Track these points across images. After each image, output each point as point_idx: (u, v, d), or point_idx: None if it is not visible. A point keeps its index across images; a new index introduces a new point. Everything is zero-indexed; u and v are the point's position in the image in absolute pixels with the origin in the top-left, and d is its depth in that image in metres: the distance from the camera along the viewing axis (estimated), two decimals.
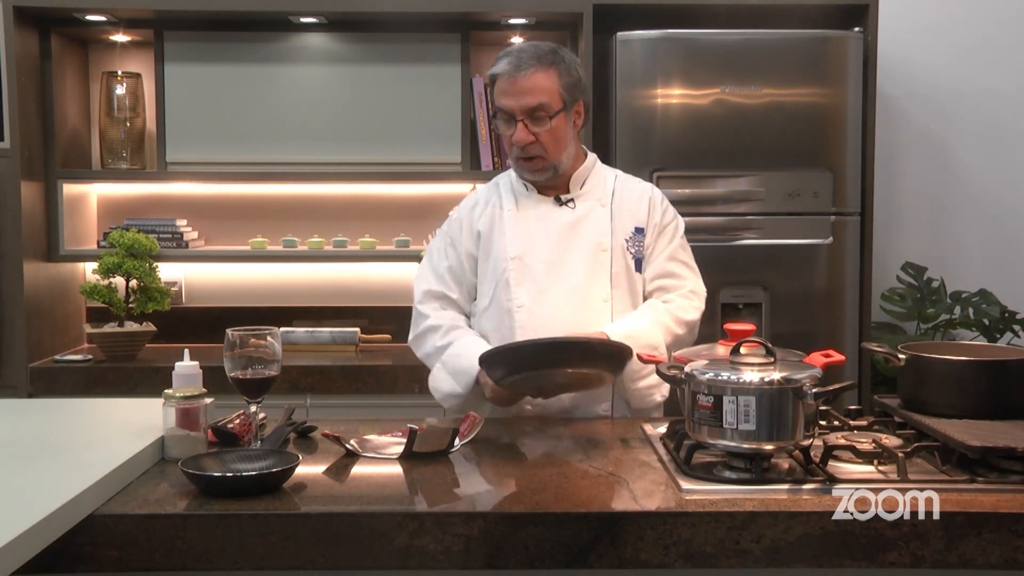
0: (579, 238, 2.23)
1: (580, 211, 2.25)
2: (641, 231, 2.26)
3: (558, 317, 2.17)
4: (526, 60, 2.14)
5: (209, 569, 1.47)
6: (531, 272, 2.21)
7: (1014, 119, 3.77)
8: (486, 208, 2.30)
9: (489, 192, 2.34)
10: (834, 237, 3.20)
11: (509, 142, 2.20)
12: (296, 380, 3.18)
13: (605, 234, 2.23)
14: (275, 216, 3.67)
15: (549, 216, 2.25)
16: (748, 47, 3.17)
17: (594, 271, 2.21)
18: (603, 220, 2.24)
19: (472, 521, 1.48)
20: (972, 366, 1.86)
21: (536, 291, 2.20)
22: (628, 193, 2.29)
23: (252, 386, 1.77)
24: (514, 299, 2.21)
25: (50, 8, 3.26)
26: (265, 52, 3.47)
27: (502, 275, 2.23)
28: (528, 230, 2.24)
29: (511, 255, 2.23)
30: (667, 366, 1.81)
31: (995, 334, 3.49)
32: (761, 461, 1.62)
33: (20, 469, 1.60)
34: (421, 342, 2.31)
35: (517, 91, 2.14)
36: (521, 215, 2.26)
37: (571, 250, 2.23)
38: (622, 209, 2.26)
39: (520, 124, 2.15)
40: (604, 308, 2.20)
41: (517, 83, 2.14)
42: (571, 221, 2.24)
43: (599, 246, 2.23)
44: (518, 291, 2.21)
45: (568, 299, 2.19)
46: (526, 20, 3.41)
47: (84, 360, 3.32)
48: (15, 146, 3.24)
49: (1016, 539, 1.47)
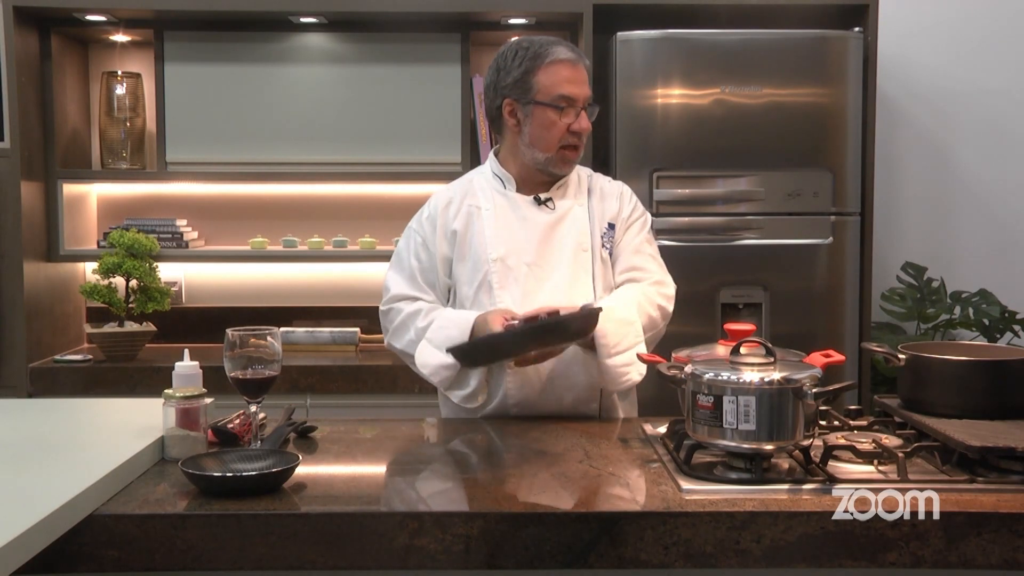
0: (560, 238, 2.20)
1: (560, 211, 2.23)
2: (612, 227, 2.25)
3: None
4: (579, 52, 2.18)
5: (209, 569, 1.47)
6: (514, 274, 2.17)
7: (1014, 119, 3.77)
8: (461, 207, 2.24)
9: (463, 189, 2.28)
10: (834, 237, 3.20)
11: (559, 130, 2.15)
12: (296, 380, 3.18)
13: (585, 233, 2.22)
14: (275, 216, 3.67)
15: (530, 216, 2.21)
16: (748, 47, 3.17)
17: (576, 271, 2.19)
18: (582, 220, 2.23)
19: (472, 521, 1.48)
20: (972, 366, 1.86)
21: (520, 293, 2.16)
22: (601, 192, 2.28)
23: (252, 386, 1.77)
24: (498, 302, 2.15)
25: (50, 8, 3.26)
26: (265, 52, 3.47)
27: (484, 277, 2.18)
28: (510, 230, 2.20)
29: (493, 256, 2.18)
30: (667, 366, 1.81)
31: (995, 334, 3.49)
32: (761, 461, 1.62)
33: (20, 469, 1.60)
34: (400, 334, 2.22)
35: (581, 79, 2.16)
36: (500, 215, 2.21)
37: (553, 251, 2.20)
38: (597, 208, 2.26)
39: (583, 112, 2.16)
40: None
41: (581, 72, 2.16)
42: (551, 221, 2.21)
43: (580, 246, 2.20)
44: (501, 294, 2.16)
45: (552, 300, 2.13)
46: (526, 20, 3.41)
47: (84, 360, 3.32)
48: (15, 146, 3.24)
49: (1016, 539, 1.47)
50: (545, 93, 2.14)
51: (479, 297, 2.18)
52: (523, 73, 2.15)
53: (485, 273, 2.18)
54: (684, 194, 3.14)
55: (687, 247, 3.15)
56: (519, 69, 2.15)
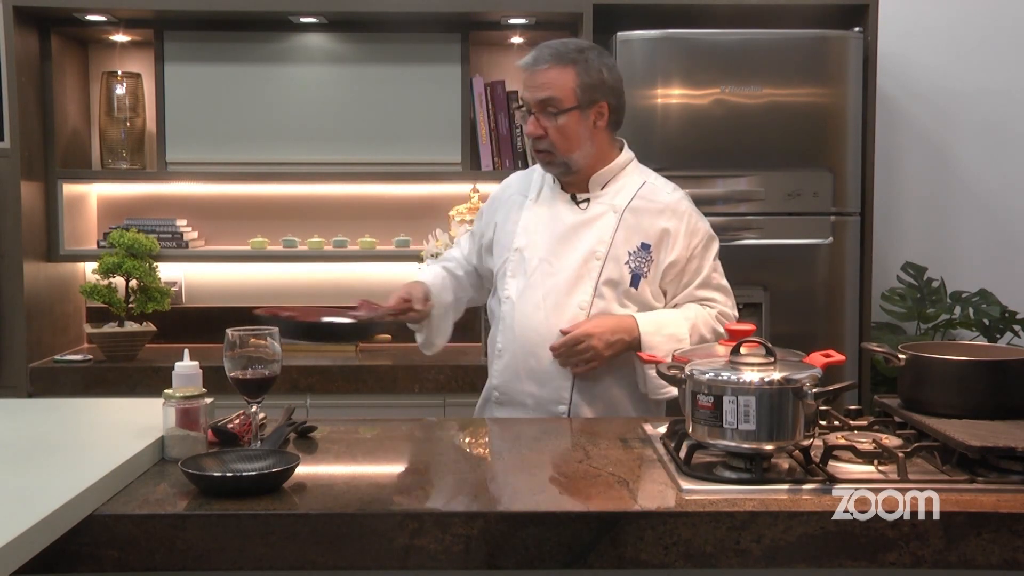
0: (579, 241, 2.23)
1: (590, 214, 2.24)
2: (647, 247, 2.21)
3: (534, 314, 2.21)
4: (545, 55, 2.20)
5: (209, 569, 1.47)
6: (526, 266, 2.24)
7: (1014, 119, 3.77)
8: (514, 195, 2.36)
9: (523, 177, 2.41)
10: (834, 237, 3.20)
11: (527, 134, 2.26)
12: (296, 380, 3.18)
13: (604, 243, 2.21)
14: (275, 216, 3.67)
15: (559, 214, 2.27)
16: (748, 47, 3.17)
17: (581, 277, 2.20)
18: (607, 228, 2.22)
19: (472, 521, 1.48)
20: (972, 366, 1.85)
21: (524, 286, 2.23)
22: (645, 204, 2.24)
23: (252, 386, 1.76)
24: (505, 290, 2.26)
25: (50, 8, 3.26)
26: (265, 52, 3.47)
27: (503, 264, 2.29)
28: (536, 224, 2.27)
29: (514, 246, 2.27)
30: (667, 366, 1.81)
31: (995, 334, 3.49)
32: (761, 461, 1.62)
33: (20, 469, 1.60)
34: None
35: (533, 84, 2.21)
36: (536, 208, 2.30)
37: (568, 251, 2.23)
38: (633, 220, 2.22)
39: (532, 117, 2.20)
40: (579, 315, 2.18)
41: (533, 76, 2.20)
42: (576, 223, 2.24)
43: (593, 253, 2.21)
44: (510, 283, 2.25)
45: (547, 299, 2.20)
46: (526, 20, 3.41)
47: (84, 360, 3.32)
48: (15, 146, 3.24)
49: (1016, 539, 1.47)
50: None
51: (497, 281, 2.32)
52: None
53: (505, 260, 2.28)
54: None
55: None
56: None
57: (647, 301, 2.22)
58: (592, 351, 2.13)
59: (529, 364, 2.21)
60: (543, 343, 2.18)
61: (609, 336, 2.14)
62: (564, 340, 2.15)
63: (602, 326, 2.15)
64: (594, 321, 2.16)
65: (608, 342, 2.14)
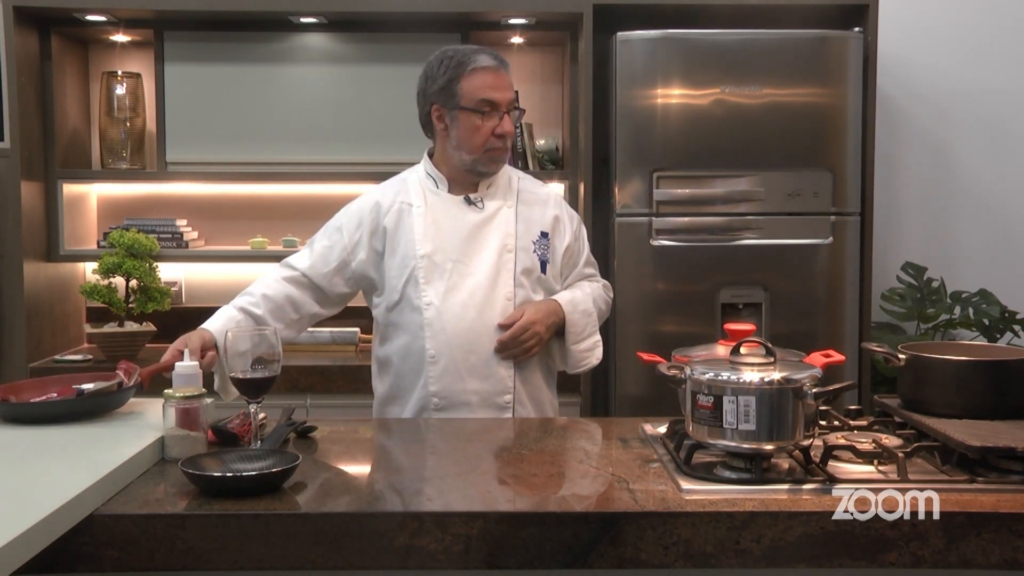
0: (486, 238, 2.30)
1: (488, 211, 2.32)
2: (546, 235, 2.35)
3: (464, 314, 2.25)
4: (501, 59, 2.30)
5: (209, 569, 1.47)
6: (440, 270, 2.27)
7: (1014, 119, 3.77)
8: (393, 204, 2.34)
9: (395, 188, 2.38)
10: (834, 237, 3.20)
11: (483, 134, 2.25)
12: (296, 380, 3.18)
13: (511, 235, 2.31)
14: (275, 216, 3.67)
15: (459, 215, 2.31)
16: (748, 47, 3.17)
17: (498, 270, 2.28)
18: (509, 221, 2.32)
19: (472, 521, 1.48)
20: (972, 366, 1.86)
21: (444, 290, 2.26)
22: (530, 196, 2.38)
23: (252, 386, 1.77)
24: (423, 297, 2.26)
25: (50, 8, 3.26)
26: (265, 52, 3.47)
27: (411, 272, 2.27)
28: (438, 228, 2.29)
29: (420, 253, 2.27)
30: (667, 366, 1.81)
31: (995, 334, 3.49)
32: (761, 461, 1.62)
33: (20, 469, 1.60)
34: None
35: (504, 85, 2.28)
36: (430, 213, 2.31)
37: (478, 249, 2.29)
38: (525, 212, 2.35)
39: (507, 116, 2.26)
40: (507, 306, 2.27)
41: (503, 78, 2.28)
42: (479, 221, 2.31)
43: (504, 247, 2.30)
44: (427, 289, 2.26)
45: (473, 297, 2.26)
46: (526, 20, 3.41)
47: (84, 360, 3.32)
48: (15, 146, 3.24)
49: (1016, 539, 1.47)
50: (469, 99, 2.25)
51: (406, 290, 2.28)
52: (448, 81, 2.27)
53: (412, 268, 2.28)
54: (684, 194, 3.14)
55: (687, 247, 3.16)
56: (444, 77, 2.28)
57: (551, 286, 2.36)
58: (536, 337, 2.26)
59: (470, 362, 2.24)
60: (480, 340, 2.24)
61: (547, 320, 2.28)
62: (511, 332, 2.24)
63: (540, 312, 2.27)
64: (531, 309, 2.27)
65: (547, 325, 2.28)
